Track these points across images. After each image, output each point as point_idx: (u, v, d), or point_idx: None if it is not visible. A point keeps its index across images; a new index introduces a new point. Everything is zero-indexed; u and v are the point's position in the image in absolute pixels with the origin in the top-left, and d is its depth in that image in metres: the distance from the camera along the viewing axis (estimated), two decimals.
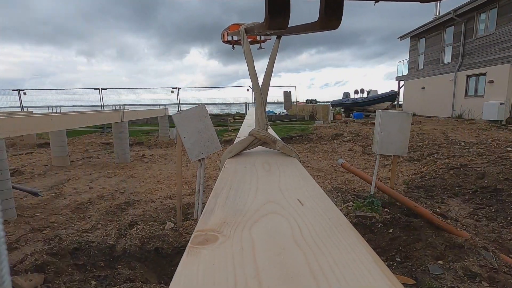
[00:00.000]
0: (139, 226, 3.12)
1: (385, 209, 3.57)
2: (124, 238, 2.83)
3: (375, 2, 0.66)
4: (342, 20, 0.60)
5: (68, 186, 4.70)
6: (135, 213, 3.56)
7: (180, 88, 16.23)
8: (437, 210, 3.52)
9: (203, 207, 3.13)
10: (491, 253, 2.53)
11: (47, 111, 12.20)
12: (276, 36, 1.09)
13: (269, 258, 0.29)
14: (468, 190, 4.10)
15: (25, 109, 12.80)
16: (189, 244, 0.32)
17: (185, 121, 2.80)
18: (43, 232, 3.05)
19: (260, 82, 1.04)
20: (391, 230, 3.21)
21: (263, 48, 1.64)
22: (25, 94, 12.47)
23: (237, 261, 0.28)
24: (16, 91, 12.46)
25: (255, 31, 1.08)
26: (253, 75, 1.04)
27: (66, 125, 4.75)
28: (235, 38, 1.58)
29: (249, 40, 1.43)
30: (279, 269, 0.27)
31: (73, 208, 3.70)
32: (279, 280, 0.25)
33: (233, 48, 1.71)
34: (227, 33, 1.54)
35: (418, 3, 0.63)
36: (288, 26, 0.61)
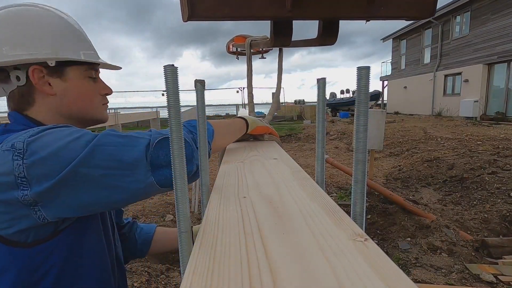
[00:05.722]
0: (140, 220, 3.38)
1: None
2: None
3: (366, 21, 0.70)
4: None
5: None
6: (135, 209, 3.82)
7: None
8: (410, 197, 3.92)
9: (199, 202, 3.39)
10: (452, 230, 2.94)
11: None
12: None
13: (258, 169, 0.64)
14: (439, 180, 4.54)
15: None
16: (222, 161, 0.74)
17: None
18: None
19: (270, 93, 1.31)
20: (369, 216, 3.58)
21: (265, 58, 1.70)
22: None
23: (241, 169, 0.66)
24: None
25: (261, 47, 1.23)
26: (250, 92, 1.27)
27: None
28: (239, 49, 1.62)
29: (252, 50, 1.45)
30: (261, 176, 0.59)
31: None
32: (266, 179, 0.57)
33: (237, 58, 1.73)
34: (232, 45, 1.57)
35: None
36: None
